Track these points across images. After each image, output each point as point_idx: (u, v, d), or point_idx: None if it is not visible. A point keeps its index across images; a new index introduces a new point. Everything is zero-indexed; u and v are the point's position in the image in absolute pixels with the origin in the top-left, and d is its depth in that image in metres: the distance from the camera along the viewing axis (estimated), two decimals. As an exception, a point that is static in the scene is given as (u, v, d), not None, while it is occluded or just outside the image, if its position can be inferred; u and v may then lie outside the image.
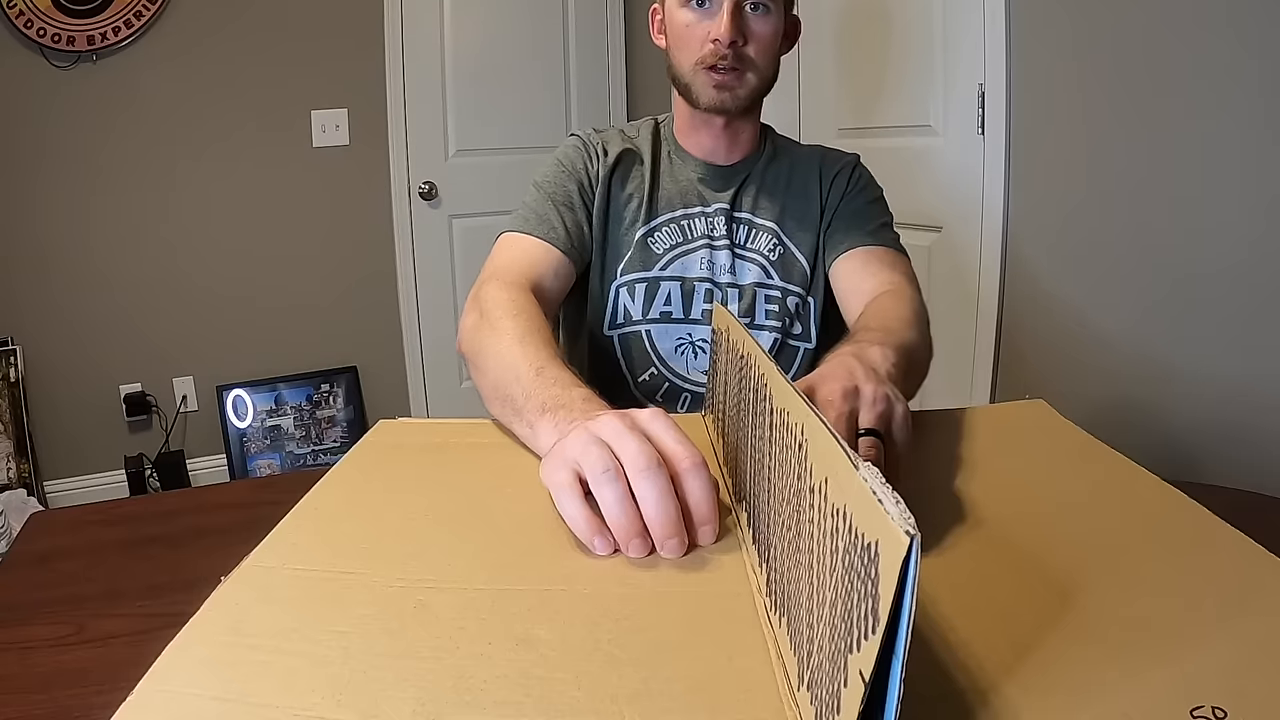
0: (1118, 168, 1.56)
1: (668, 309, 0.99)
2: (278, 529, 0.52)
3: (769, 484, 0.45)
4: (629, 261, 0.99)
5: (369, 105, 2.80)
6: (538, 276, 0.91)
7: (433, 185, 2.91)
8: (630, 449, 0.49)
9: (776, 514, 0.43)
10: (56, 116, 2.45)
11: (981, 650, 0.38)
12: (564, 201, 0.97)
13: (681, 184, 1.02)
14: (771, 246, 1.01)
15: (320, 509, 0.56)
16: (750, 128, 1.02)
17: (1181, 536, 0.51)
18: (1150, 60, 1.47)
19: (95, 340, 2.60)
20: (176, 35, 2.54)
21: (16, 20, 2.33)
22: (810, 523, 0.36)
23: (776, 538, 0.42)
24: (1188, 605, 0.43)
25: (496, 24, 2.92)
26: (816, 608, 0.33)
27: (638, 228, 0.99)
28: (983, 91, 1.82)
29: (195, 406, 2.75)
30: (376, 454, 0.68)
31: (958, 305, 1.97)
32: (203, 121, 2.62)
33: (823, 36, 2.30)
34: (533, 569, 0.47)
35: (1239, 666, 0.37)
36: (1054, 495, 0.58)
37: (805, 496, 0.37)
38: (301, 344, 2.83)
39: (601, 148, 1.01)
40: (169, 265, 2.65)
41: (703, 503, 0.48)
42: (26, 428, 2.49)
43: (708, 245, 1.00)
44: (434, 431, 0.72)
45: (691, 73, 0.94)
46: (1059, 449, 0.67)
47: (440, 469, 0.64)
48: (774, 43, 0.94)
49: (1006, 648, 0.39)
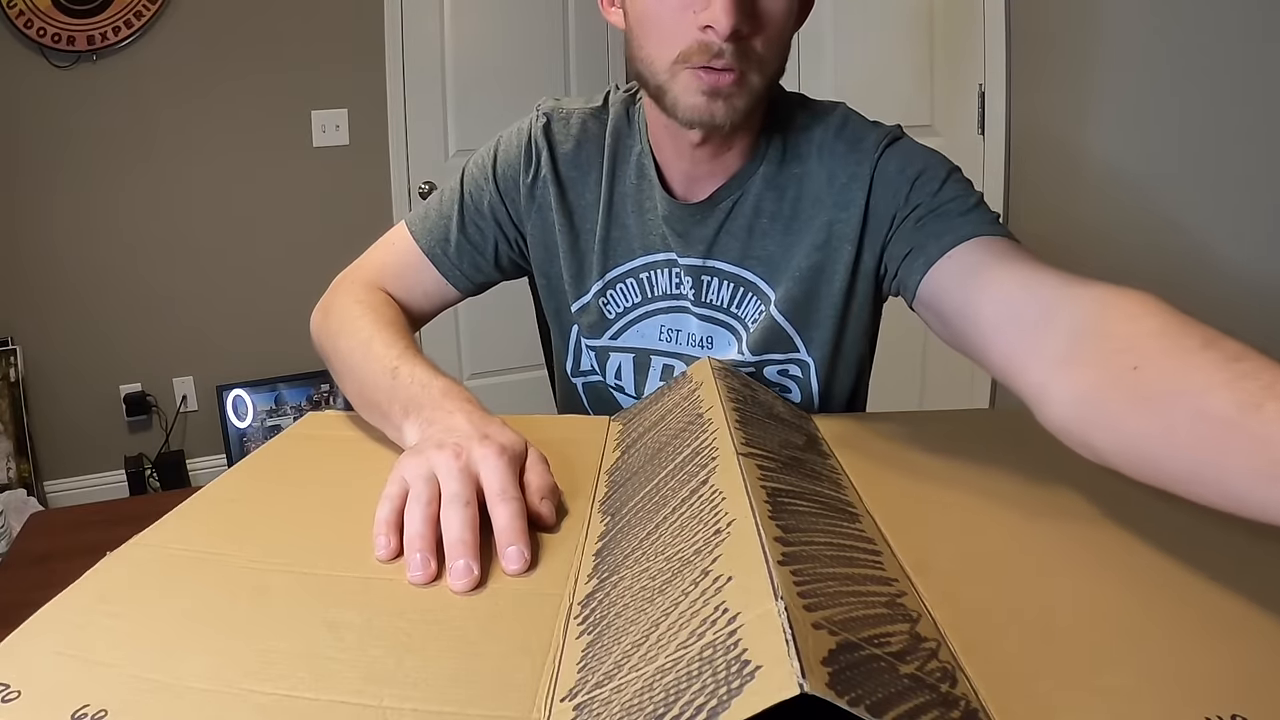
0: (1117, 168, 1.56)
1: (618, 382, 0.83)
2: (175, 510, 0.55)
3: (654, 527, 0.46)
4: (583, 321, 0.82)
5: (369, 105, 2.79)
6: (405, 289, 0.84)
7: (433, 185, 2.91)
8: (451, 486, 0.50)
9: (644, 555, 0.43)
10: (56, 116, 2.45)
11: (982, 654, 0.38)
12: (474, 212, 0.82)
13: (647, 220, 0.78)
14: (757, 313, 0.78)
15: (217, 494, 0.59)
16: (742, 141, 0.75)
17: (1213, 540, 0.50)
18: (1150, 60, 1.47)
19: (95, 340, 2.60)
20: (176, 35, 2.54)
21: (16, 20, 2.33)
22: (683, 594, 0.37)
23: (629, 570, 0.43)
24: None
25: (496, 24, 2.92)
26: (640, 658, 0.34)
27: (593, 281, 0.80)
28: (983, 91, 1.83)
29: (195, 406, 2.75)
30: (291, 445, 0.69)
31: (958, 305, 1.97)
32: (203, 121, 2.62)
33: (823, 36, 2.30)
34: (370, 560, 0.49)
35: (1262, 671, 0.37)
36: (1080, 491, 0.57)
37: (693, 571, 0.38)
38: (301, 344, 2.81)
39: (549, 157, 0.80)
40: (169, 265, 2.65)
41: (506, 530, 0.48)
42: (26, 428, 2.49)
43: (672, 308, 0.80)
44: (355, 425, 0.73)
45: (669, 71, 0.66)
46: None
47: (342, 462, 0.65)
48: (786, 26, 0.67)
49: (1015, 646, 0.39)
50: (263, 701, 0.36)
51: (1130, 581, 0.45)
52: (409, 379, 0.64)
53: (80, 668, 0.38)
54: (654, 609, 0.38)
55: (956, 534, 0.51)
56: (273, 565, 0.48)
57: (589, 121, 0.81)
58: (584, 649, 0.38)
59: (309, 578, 0.47)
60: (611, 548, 0.47)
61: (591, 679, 0.35)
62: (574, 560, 0.48)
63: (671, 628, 0.35)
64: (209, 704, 0.36)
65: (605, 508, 0.54)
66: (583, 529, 0.52)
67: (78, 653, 0.40)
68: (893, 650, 0.34)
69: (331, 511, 0.56)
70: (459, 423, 0.57)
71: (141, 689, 0.37)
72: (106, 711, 0.35)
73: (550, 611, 0.43)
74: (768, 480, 0.47)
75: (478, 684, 0.37)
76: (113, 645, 0.40)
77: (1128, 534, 0.51)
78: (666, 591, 0.38)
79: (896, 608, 0.39)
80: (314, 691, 0.36)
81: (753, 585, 0.35)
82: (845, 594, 0.37)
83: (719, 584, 0.36)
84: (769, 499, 0.44)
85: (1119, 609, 0.43)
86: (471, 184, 0.83)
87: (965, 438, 0.68)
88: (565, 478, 0.58)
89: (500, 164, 0.81)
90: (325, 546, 0.50)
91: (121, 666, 0.38)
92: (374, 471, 0.63)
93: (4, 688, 0.36)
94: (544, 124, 0.80)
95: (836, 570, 0.39)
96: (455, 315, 2.91)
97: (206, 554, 0.50)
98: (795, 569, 0.37)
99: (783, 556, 0.37)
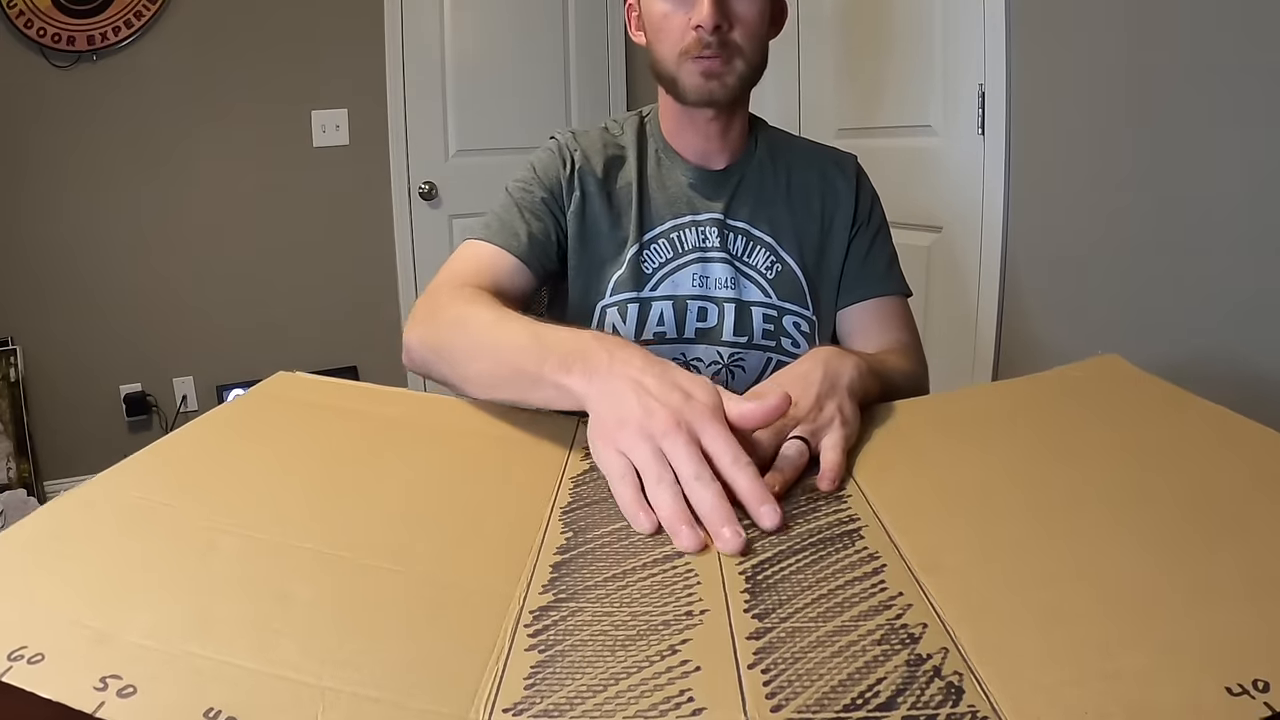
0: (1118, 167, 1.56)
1: (661, 329, 0.94)
2: (136, 455, 0.55)
3: (621, 573, 0.46)
4: (619, 281, 0.94)
5: (369, 105, 2.80)
6: (493, 279, 0.88)
7: (433, 185, 2.91)
8: (689, 467, 0.51)
9: (608, 597, 0.43)
10: (56, 116, 2.46)
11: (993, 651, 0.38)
12: (530, 208, 0.93)
13: (671, 191, 0.96)
14: (769, 264, 0.96)
15: (176, 444, 0.59)
16: (740, 123, 0.96)
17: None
18: (1151, 59, 1.47)
19: (95, 340, 2.60)
20: (176, 35, 2.54)
21: (16, 20, 2.33)
22: (648, 660, 0.37)
23: (590, 606, 0.42)
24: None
25: (496, 24, 2.92)
26: (594, 706, 0.35)
27: (630, 246, 0.94)
28: (983, 91, 1.82)
29: (195, 406, 2.75)
30: (258, 403, 0.68)
31: (957, 305, 1.97)
32: (203, 122, 2.62)
33: (823, 36, 2.30)
34: (327, 531, 0.48)
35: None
36: (1136, 445, 0.56)
37: (660, 643, 0.39)
38: (301, 344, 2.83)
39: (582, 154, 0.95)
40: (169, 265, 2.66)
41: (752, 492, 0.51)
42: (26, 428, 2.49)
43: (700, 258, 0.95)
44: (323, 391, 0.72)
45: (676, 65, 0.88)
46: (1144, 400, 0.65)
47: (306, 427, 0.65)
48: (760, 26, 0.87)
49: (1032, 624, 0.39)
50: (199, 665, 0.35)
51: (1144, 557, 0.44)
52: (554, 337, 0.65)
53: (22, 607, 0.38)
54: (615, 661, 0.37)
55: (965, 526, 0.50)
56: (225, 525, 0.48)
57: (603, 133, 0.99)
58: (533, 665, 0.37)
59: (260, 543, 0.46)
60: (572, 569, 0.47)
61: (539, 703, 0.35)
62: (528, 562, 0.47)
63: (632, 690, 0.35)
64: (146, 659, 0.35)
65: (567, 520, 0.53)
66: (540, 531, 0.51)
67: (21, 592, 0.40)
68: (881, 701, 0.34)
69: (288, 477, 0.56)
70: (644, 375, 0.57)
71: (80, 636, 0.36)
72: (43, 655, 0.35)
73: (499, 609, 0.42)
74: (750, 558, 0.47)
75: (419, 675, 0.36)
76: (55, 588, 0.40)
77: (1140, 512, 0.50)
78: (629, 649, 0.38)
79: (894, 635, 0.39)
80: (254, 661, 0.36)
81: (720, 685, 0.35)
82: (829, 659, 0.37)
83: (686, 669, 0.37)
84: (747, 585, 0.44)
85: (1133, 585, 0.42)
86: (519, 191, 0.95)
87: (974, 412, 0.67)
88: (527, 473, 0.57)
89: (540, 169, 0.96)
90: (280, 513, 0.50)
91: (62, 611, 0.38)
92: (336, 440, 0.63)
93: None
94: (569, 136, 0.98)
95: (822, 631, 0.39)
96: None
97: (161, 504, 0.50)
98: (767, 665, 0.37)
99: (754, 657, 0.37)
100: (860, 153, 1.07)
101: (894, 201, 1.05)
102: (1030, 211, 1.77)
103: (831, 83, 2.32)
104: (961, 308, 1.96)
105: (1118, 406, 0.65)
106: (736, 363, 0.95)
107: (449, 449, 0.62)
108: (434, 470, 0.59)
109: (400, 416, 0.68)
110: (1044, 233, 1.74)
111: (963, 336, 1.96)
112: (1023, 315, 1.82)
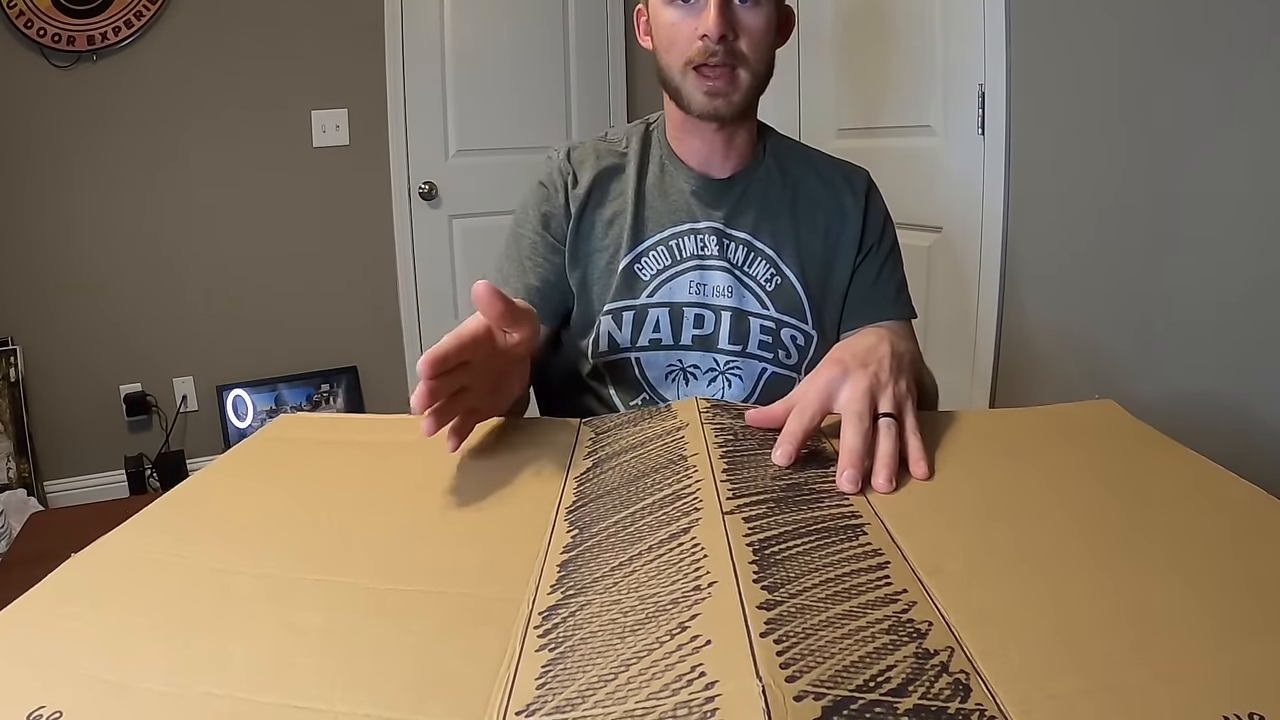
0: (1118, 168, 1.56)
1: (656, 335, 0.94)
2: (140, 513, 0.56)
3: (628, 560, 0.46)
4: (616, 289, 0.93)
5: (369, 105, 2.80)
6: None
7: (433, 185, 2.91)
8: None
9: (616, 585, 0.43)
10: (56, 116, 2.46)
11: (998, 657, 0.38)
12: (530, 255, 0.95)
13: (672, 199, 0.95)
14: (769, 276, 0.95)
15: (183, 497, 0.59)
16: (746, 133, 0.95)
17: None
18: (1150, 59, 1.47)
19: (95, 340, 2.60)
20: (176, 35, 2.54)
21: (16, 20, 2.33)
22: (658, 642, 0.37)
23: (598, 597, 0.43)
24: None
25: (496, 24, 2.92)
26: (606, 695, 0.35)
27: (622, 257, 0.94)
28: (983, 91, 1.82)
29: (195, 406, 2.75)
30: (261, 447, 0.69)
31: (957, 305, 1.97)
32: (203, 122, 2.62)
33: (823, 36, 2.30)
34: (336, 559, 0.49)
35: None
36: (1131, 493, 0.57)
37: (669, 622, 0.39)
38: (301, 344, 2.83)
39: (574, 173, 0.95)
40: (169, 265, 2.66)
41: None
42: (26, 428, 2.49)
43: (698, 266, 0.94)
44: (327, 428, 0.72)
45: (681, 74, 0.88)
46: (1135, 449, 0.66)
47: (310, 461, 0.65)
48: (767, 36, 0.87)
49: (1032, 641, 0.39)
50: (218, 705, 0.36)
51: (1149, 577, 0.45)
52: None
53: (37, 669, 0.39)
54: (625, 647, 0.37)
55: (968, 534, 0.50)
56: (236, 567, 0.48)
57: (599, 144, 0.99)
58: (544, 665, 0.37)
59: (271, 579, 0.47)
60: (579, 564, 0.47)
61: (551, 700, 0.35)
62: (536, 566, 0.47)
63: (644, 673, 0.35)
64: (165, 706, 0.36)
65: (573, 519, 0.53)
66: (546, 534, 0.51)
67: (35, 654, 0.40)
68: (893, 687, 0.34)
69: (296, 513, 0.56)
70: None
71: (98, 690, 0.37)
72: (61, 713, 0.35)
73: (509, 616, 0.42)
74: (755, 532, 0.47)
75: (432, 689, 0.36)
76: (70, 646, 0.40)
77: (1143, 531, 0.51)
78: (639, 633, 0.38)
79: (902, 628, 0.39)
80: (271, 695, 0.36)
81: (732, 656, 0.35)
82: (839, 639, 0.37)
83: (696, 644, 0.36)
84: (755, 557, 0.44)
85: (1137, 605, 0.42)
86: (519, 238, 0.96)
87: (971, 436, 0.68)
88: (531, 477, 0.58)
89: (535, 205, 0.96)
90: (289, 549, 0.50)
91: (78, 668, 0.38)
92: (341, 474, 0.63)
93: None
94: (565, 152, 0.98)
95: (831, 613, 0.39)
96: (454, 314, 2.90)
97: (169, 556, 0.50)
98: (779, 635, 0.37)
99: (765, 626, 0.37)
100: (860, 153, 1.07)
101: (894, 202, 1.05)
102: (1030, 211, 1.77)
103: (832, 83, 2.32)
104: (961, 308, 1.96)
105: (1109, 452, 0.66)
106: (732, 371, 0.95)
107: (453, 467, 0.62)
108: (439, 488, 0.59)
109: (403, 441, 0.68)
110: (1044, 233, 1.74)
111: (963, 336, 1.96)
112: (1023, 315, 1.82)
